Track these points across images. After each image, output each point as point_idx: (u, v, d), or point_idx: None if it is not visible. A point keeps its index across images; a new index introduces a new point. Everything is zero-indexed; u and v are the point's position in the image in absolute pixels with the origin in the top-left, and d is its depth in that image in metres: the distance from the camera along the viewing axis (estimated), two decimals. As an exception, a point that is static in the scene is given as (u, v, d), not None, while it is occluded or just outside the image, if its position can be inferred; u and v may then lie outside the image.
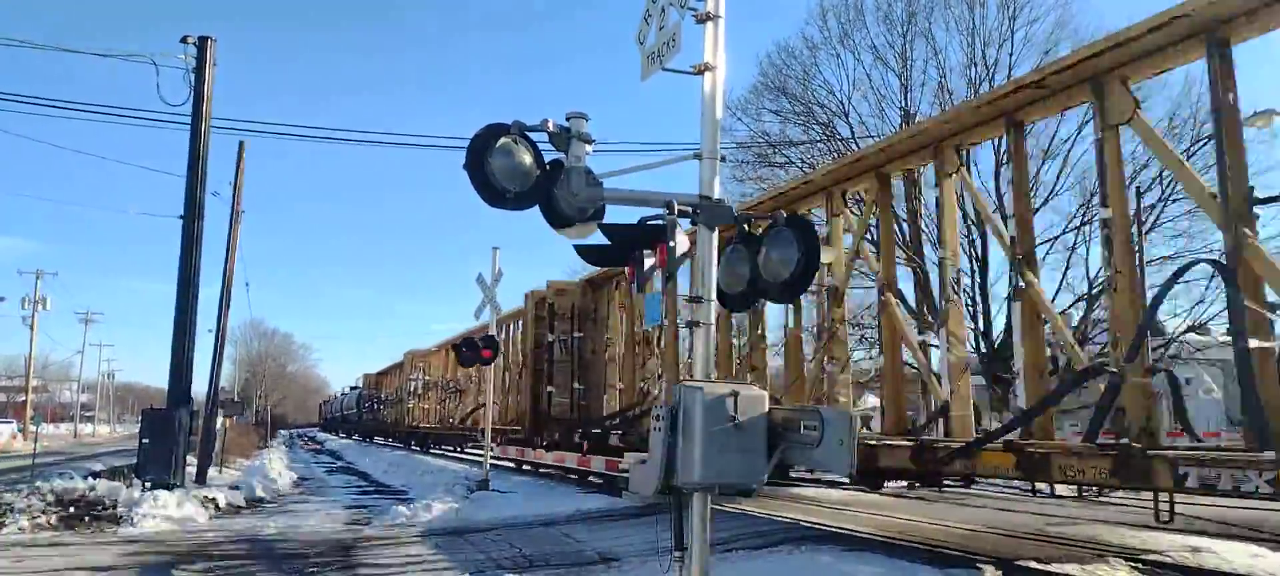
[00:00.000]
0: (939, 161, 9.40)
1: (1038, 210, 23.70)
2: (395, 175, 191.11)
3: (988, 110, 8.78)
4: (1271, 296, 6.41)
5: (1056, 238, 24.29)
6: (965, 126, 9.15)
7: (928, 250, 14.70)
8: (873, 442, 9.35)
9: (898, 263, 12.31)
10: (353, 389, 63.59)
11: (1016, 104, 8.39)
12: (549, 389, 19.54)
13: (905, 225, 18.06)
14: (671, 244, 4.82)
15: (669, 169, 5.39)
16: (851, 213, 12.72)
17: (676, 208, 4.83)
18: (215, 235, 43.30)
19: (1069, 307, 23.22)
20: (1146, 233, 23.28)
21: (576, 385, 18.90)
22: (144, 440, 16.07)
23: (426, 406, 35.74)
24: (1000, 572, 8.20)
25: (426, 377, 35.49)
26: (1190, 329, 22.23)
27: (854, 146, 27.01)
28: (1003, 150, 20.88)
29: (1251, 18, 6.43)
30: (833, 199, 11.36)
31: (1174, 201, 22.54)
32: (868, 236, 12.95)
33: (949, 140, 9.29)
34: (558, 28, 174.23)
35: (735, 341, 14.27)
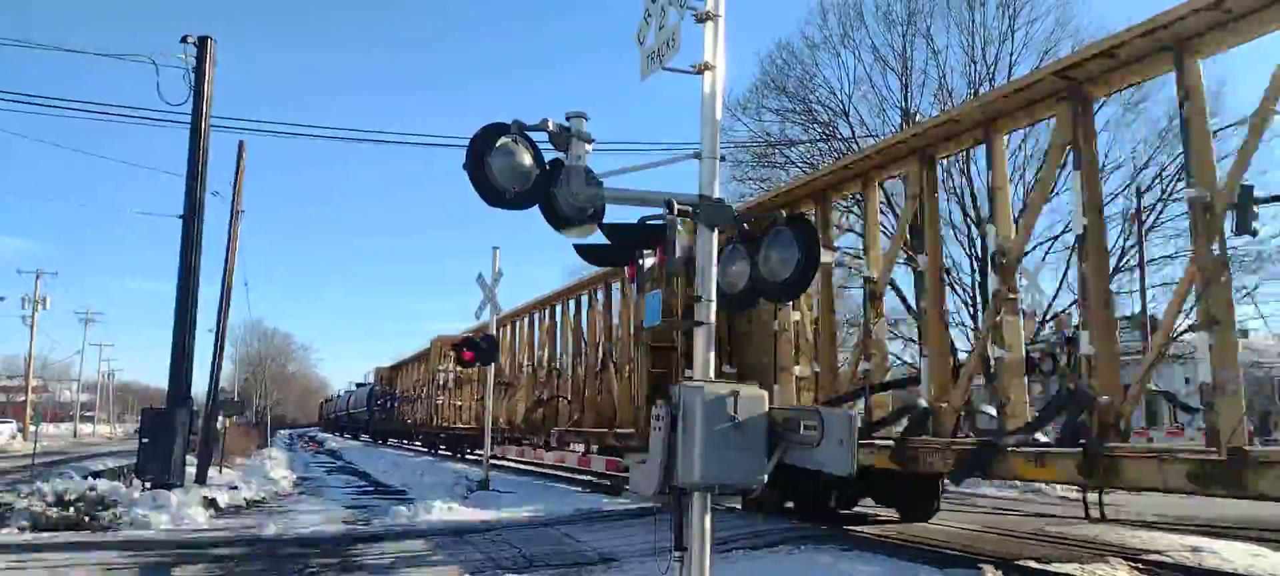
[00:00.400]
0: (990, 147, 9.03)
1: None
2: (396, 175, 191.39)
3: (1044, 87, 8.06)
4: None
5: (1056, 237, 24.30)
6: (1011, 109, 8.60)
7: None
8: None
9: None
10: (360, 385, 59.79)
11: (1086, 75, 7.69)
12: (687, 374, 12.13)
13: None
14: (672, 243, 4.82)
15: (669, 169, 5.39)
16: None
17: (676, 207, 4.83)
18: (215, 235, 43.37)
19: (1069, 306, 23.20)
20: (1147, 232, 23.28)
21: (728, 368, 13.09)
22: (144, 440, 16.06)
23: (460, 403, 30.13)
24: (1000, 573, 8.20)
25: (459, 370, 29.03)
26: (1189, 329, 22.23)
27: (855, 146, 27.02)
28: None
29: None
30: (870, 186, 10.83)
31: (1175, 200, 22.55)
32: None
33: (1003, 120, 8.77)
34: (558, 28, 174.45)
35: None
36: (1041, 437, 8.09)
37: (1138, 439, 9.66)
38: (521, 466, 24.27)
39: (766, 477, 4.77)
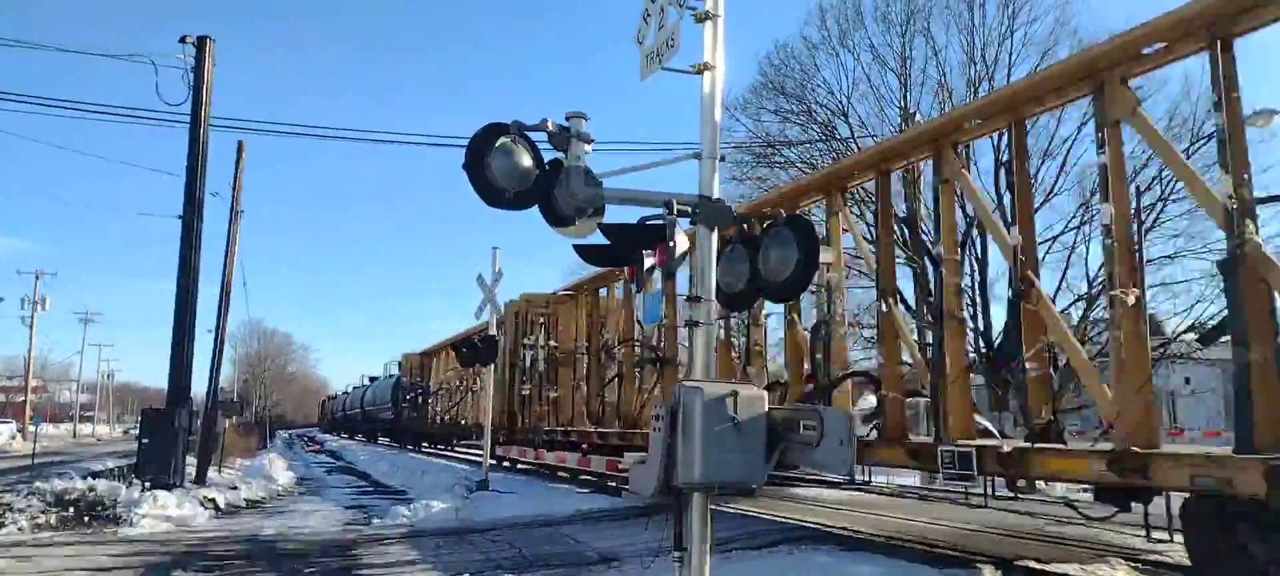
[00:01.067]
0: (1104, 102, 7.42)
1: (1037, 209, 23.71)
2: (396, 175, 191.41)
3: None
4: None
5: (1055, 237, 24.31)
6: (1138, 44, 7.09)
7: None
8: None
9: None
10: (373, 380, 53.91)
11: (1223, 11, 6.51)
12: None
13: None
14: (671, 243, 4.82)
15: (669, 169, 5.39)
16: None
17: (676, 207, 4.83)
18: (215, 235, 43.34)
19: (1068, 307, 23.24)
20: (1147, 232, 23.29)
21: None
22: (143, 440, 16.07)
23: (557, 393, 19.99)
24: (999, 572, 8.20)
25: (555, 345, 20.10)
26: (1189, 329, 22.25)
27: (854, 147, 27.00)
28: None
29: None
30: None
31: (1174, 200, 22.55)
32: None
33: (1116, 69, 7.35)
34: (558, 27, 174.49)
35: (736, 339, 14.12)
36: None
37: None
38: (525, 466, 24.23)
39: (766, 478, 4.77)
